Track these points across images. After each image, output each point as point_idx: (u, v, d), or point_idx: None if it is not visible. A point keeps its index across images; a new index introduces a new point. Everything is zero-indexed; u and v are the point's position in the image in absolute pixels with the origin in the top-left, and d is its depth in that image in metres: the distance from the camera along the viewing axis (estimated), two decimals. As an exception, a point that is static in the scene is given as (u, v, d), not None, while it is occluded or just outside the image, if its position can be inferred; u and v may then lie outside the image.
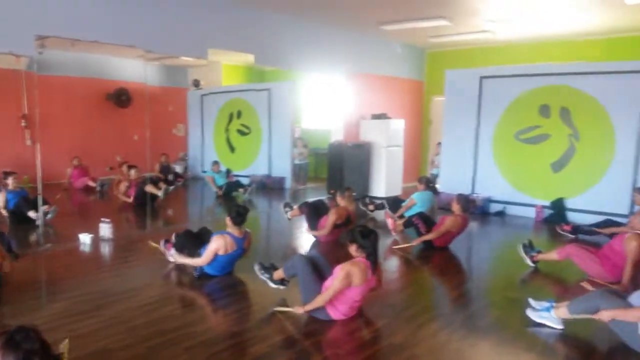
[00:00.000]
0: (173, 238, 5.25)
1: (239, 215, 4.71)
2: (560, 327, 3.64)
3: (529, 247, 5.31)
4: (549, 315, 3.69)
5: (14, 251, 5.16)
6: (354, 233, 3.75)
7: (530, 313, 3.82)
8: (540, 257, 5.17)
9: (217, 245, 4.59)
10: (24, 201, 6.94)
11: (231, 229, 4.72)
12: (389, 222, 6.69)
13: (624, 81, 7.10)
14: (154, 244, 5.37)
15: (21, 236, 6.40)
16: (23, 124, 9.61)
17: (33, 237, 6.43)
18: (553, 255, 5.02)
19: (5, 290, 4.04)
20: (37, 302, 4.20)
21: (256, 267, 4.41)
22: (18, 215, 6.85)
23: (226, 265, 4.76)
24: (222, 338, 3.53)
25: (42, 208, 6.64)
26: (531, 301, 3.92)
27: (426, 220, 6.18)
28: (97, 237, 6.07)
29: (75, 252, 5.73)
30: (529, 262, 5.21)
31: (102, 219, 6.20)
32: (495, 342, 3.49)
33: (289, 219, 6.87)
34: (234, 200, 9.23)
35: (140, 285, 4.55)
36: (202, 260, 4.65)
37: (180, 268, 5.02)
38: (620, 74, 7.14)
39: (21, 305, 4.01)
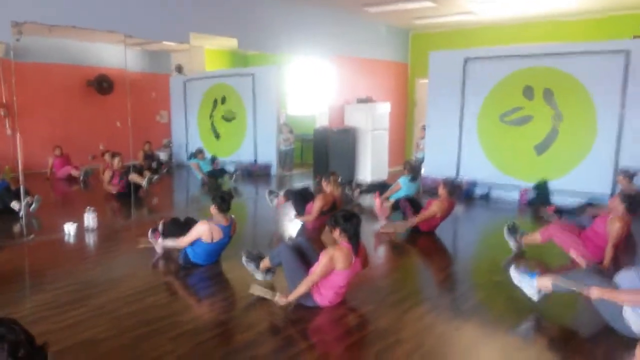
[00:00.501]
0: (160, 227, 5.23)
1: (224, 201, 4.68)
2: (535, 297, 3.66)
3: (513, 230, 5.35)
4: (529, 281, 3.68)
5: (-5, 243, 5.11)
6: (337, 217, 3.77)
7: (513, 272, 3.85)
8: (525, 240, 5.21)
9: (201, 229, 4.57)
10: (5, 192, 6.84)
11: (217, 217, 4.69)
12: (376, 202, 6.72)
13: (605, 62, 7.14)
14: (142, 245, 5.28)
15: (4, 227, 6.33)
16: (2, 113, 9.43)
17: (16, 228, 6.35)
18: (536, 236, 5.06)
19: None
20: (21, 293, 4.17)
21: (243, 258, 4.39)
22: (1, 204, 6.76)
23: (212, 253, 4.74)
24: (208, 327, 3.54)
25: (26, 199, 6.54)
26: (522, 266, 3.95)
27: (413, 204, 6.21)
28: (81, 227, 6.01)
29: (60, 242, 5.68)
30: (512, 245, 5.25)
31: (87, 209, 6.14)
32: (480, 324, 3.54)
33: (275, 207, 6.85)
34: (220, 187, 9.19)
35: (125, 275, 4.53)
36: (184, 240, 4.63)
37: (166, 257, 5.00)
38: (601, 54, 7.18)
39: (5, 296, 3.98)
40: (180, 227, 5.03)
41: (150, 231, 5.33)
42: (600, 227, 4.66)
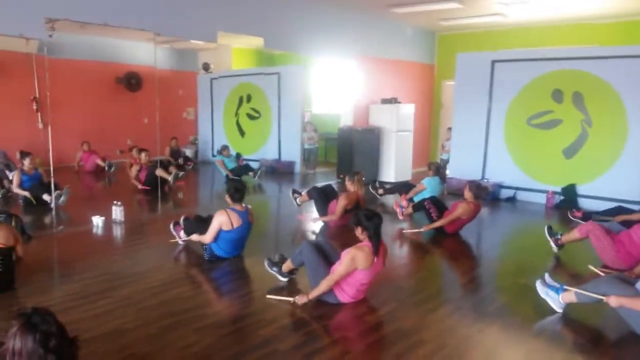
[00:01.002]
0: (182, 220, 5.32)
1: (237, 191, 4.76)
2: (559, 310, 3.67)
3: (552, 231, 5.30)
4: (554, 296, 3.70)
5: (27, 233, 5.25)
6: (359, 216, 3.77)
7: (538, 285, 3.85)
8: (564, 239, 5.14)
9: (221, 219, 4.64)
10: (38, 184, 7.00)
11: (232, 205, 4.77)
12: (403, 203, 6.70)
13: (639, 66, 6.98)
14: (174, 240, 5.37)
15: (35, 218, 6.49)
16: (34, 107, 9.68)
17: (46, 220, 6.51)
18: (575, 234, 4.99)
19: (20, 271, 4.11)
20: (51, 283, 4.28)
21: (265, 264, 4.41)
22: (33, 198, 6.90)
23: (235, 244, 4.79)
24: (231, 320, 3.59)
25: (56, 191, 6.69)
26: (547, 275, 3.92)
27: (438, 205, 6.17)
28: (109, 220, 6.14)
29: (88, 234, 5.80)
30: (553, 245, 5.21)
31: (114, 202, 6.26)
32: (504, 327, 3.50)
33: (299, 205, 6.89)
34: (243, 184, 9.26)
35: (151, 267, 4.61)
36: (207, 236, 4.70)
37: (190, 251, 5.08)
38: (635, 58, 7.02)
39: (35, 286, 4.08)
40: (203, 223, 5.09)
41: (172, 224, 5.43)
42: (637, 234, 4.55)
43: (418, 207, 6.36)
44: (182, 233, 5.26)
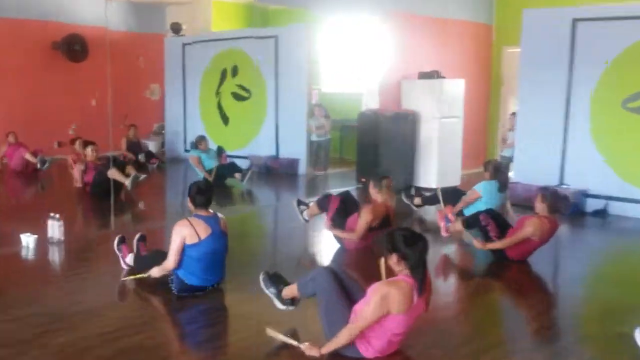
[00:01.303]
0: (135, 241, 5.35)
1: (200, 192, 4.78)
2: None
3: None
4: None
5: None
6: (395, 239, 3.68)
7: (638, 335, 3.82)
8: None
9: (181, 233, 4.65)
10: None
11: (195, 211, 4.81)
12: (449, 216, 6.70)
13: None
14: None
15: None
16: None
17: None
18: None
19: None
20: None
21: (261, 279, 4.40)
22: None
23: (208, 263, 4.76)
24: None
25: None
26: None
27: (498, 220, 6.14)
28: (43, 239, 6.15)
29: (15, 258, 5.83)
30: None
31: (50, 215, 6.27)
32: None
33: (306, 221, 6.86)
34: (228, 189, 9.30)
35: (101, 304, 4.62)
36: (170, 260, 4.69)
37: (153, 283, 5.05)
38: None
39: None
40: (163, 255, 5.02)
41: (116, 241, 5.44)
42: None
43: (471, 222, 6.33)
44: (129, 257, 5.27)
